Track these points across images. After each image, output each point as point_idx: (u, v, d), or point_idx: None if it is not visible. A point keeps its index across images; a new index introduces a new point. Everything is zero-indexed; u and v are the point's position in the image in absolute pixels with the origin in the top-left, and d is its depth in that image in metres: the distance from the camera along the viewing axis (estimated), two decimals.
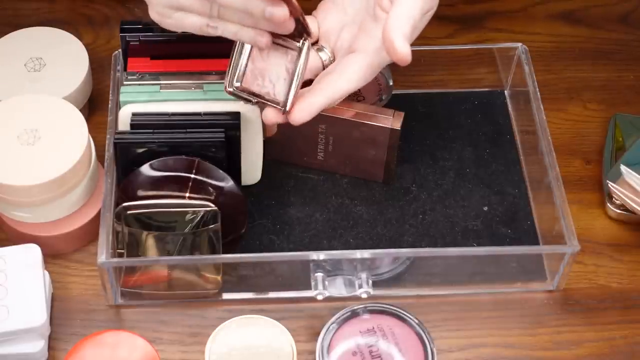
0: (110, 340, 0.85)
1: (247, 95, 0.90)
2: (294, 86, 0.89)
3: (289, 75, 0.89)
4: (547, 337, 0.94)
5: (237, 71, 0.90)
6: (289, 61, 0.89)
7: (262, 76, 0.90)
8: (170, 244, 0.91)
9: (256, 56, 0.90)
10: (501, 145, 1.04)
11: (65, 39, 1.04)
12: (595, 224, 1.01)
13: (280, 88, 0.89)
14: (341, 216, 0.99)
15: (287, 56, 0.89)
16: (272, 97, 0.90)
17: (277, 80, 0.89)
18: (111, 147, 0.94)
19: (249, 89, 0.90)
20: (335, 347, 0.89)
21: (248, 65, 0.90)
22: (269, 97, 0.90)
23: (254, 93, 0.90)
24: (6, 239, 0.98)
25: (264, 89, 0.90)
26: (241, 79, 0.90)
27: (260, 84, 0.90)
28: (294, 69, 0.89)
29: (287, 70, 0.89)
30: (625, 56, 1.13)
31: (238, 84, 0.90)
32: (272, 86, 0.90)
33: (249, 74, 0.90)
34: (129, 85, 0.95)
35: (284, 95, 0.89)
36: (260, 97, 0.90)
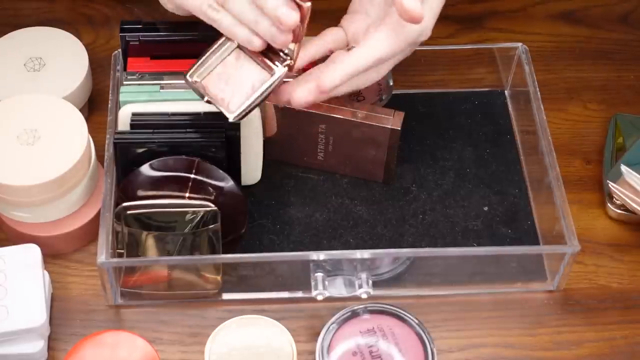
0: (110, 340, 0.85)
1: (202, 91, 0.90)
2: (251, 101, 0.89)
3: (251, 92, 0.89)
4: (548, 337, 0.93)
5: (205, 67, 0.90)
6: (257, 80, 0.89)
7: (227, 82, 0.90)
8: (170, 244, 0.91)
9: (230, 61, 0.90)
10: (501, 145, 1.04)
11: (65, 38, 1.03)
12: (595, 224, 1.01)
13: (237, 100, 0.89)
14: (341, 216, 0.99)
15: (259, 75, 0.89)
16: (226, 105, 0.89)
17: (239, 90, 0.89)
18: (111, 147, 0.94)
19: (206, 87, 0.90)
20: (335, 347, 0.89)
21: (217, 67, 0.90)
22: (222, 103, 0.90)
23: (210, 94, 0.90)
24: (6, 239, 0.98)
25: (221, 93, 0.90)
26: (204, 76, 0.90)
27: (221, 88, 0.90)
28: (259, 88, 0.89)
29: (252, 87, 0.89)
30: (626, 56, 1.13)
31: (198, 80, 0.90)
32: (230, 94, 0.89)
33: (215, 76, 0.90)
34: (128, 85, 0.95)
35: (237, 106, 0.89)
36: (215, 99, 0.90)
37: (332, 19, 0.94)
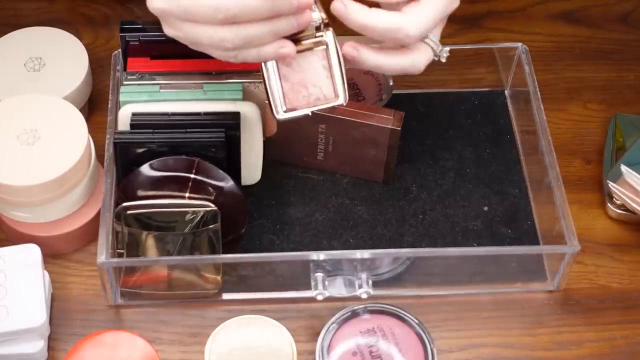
0: (110, 340, 0.85)
1: (300, 111, 0.88)
2: (337, 75, 0.87)
3: (329, 71, 0.87)
4: (548, 337, 0.93)
5: (278, 96, 0.87)
6: (322, 59, 0.87)
7: (304, 86, 0.87)
8: (170, 244, 0.91)
9: (287, 72, 0.87)
10: (501, 145, 1.04)
11: (65, 38, 1.03)
12: (595, 224, 1.01)
13: (326, 86, 0.87)
14: (341, 216, 0.99)
15: (318, 55, 0.87)
16: (324, 99, 0.88)
17: (319, 81, 0.87)
18: (111, 147, 0.94)
19: (296, 105, 0.88)
20: (335, 347, 0.89)
21: (284, 85, 0.87)
22: (320, 101, 0.88)
23: (303, 106, 0.88)
24: (6, 239, 0.98)
25: (312, 96, 0.88)
26: (284, 101, 0.87)
27: (306, 94, 0.87)
28: (330, 62, 0.87)
29: (325, 68, 0.87)
30: (626, 56, 1.13)
31: (284, 109, 0.87)
32: (318, 90, 0.87)
33: (290, 93, 0.87)
34: (128, 85, 0.95)
35: (333, 92, 0.87)
36: (314, 105, 0.88)
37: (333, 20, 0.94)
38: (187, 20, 0.84)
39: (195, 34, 0.84)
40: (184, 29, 0.85)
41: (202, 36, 0.84)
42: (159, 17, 0.86)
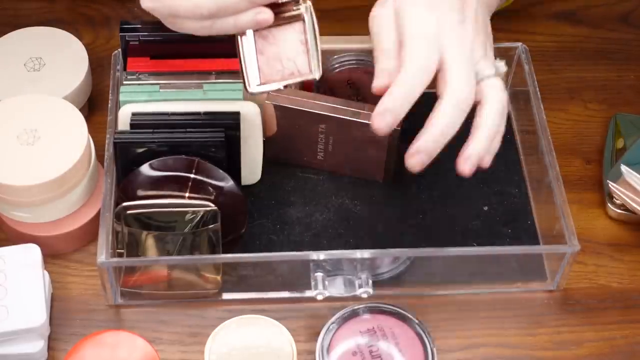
0: (110, 340, 0.85)
1: (271, 85, 0.88)
2: (312, 50, 0.87)
3: (305, 45, 0.87)
4: (547, 337, 0.93)
5: (252, 70, 0.87)
6: (298, 32, 0.87)
7: (279, 60, 0.87)
8: (170, 243, 0.91)
9: (263, 46, 0.87)
10: (501, 145, 1.04)
11: (65, 38, 1.04)
12: (595, 223, 1.01)
13: (301, 61, 0.87)
14: (341, 216, 0.99)
15: (294, 28, 0.87)
16: (298, 73, 0.87)
17: (295, 55, 0.87)
18: (111, 147, 0.94)
19: (270, 79, 0.88)
20: (335, 347, 0.89)
21: (259, 59, 0.87)
22: (294, 76, 0.88)
23: (277, 80, 0.88)
24: (6, 239, 0.98)
25: (286, 70, 0.88)
26: (259, 75, 0.88)
27: (280, 68, 0.87)
28: (306, 36, 0.87)
29: (300, 42, 0.87)
30: (626, 56, 1.13)
31: (258, 82, 0.88)
32: (292, 63, 0.87)
33: (264, 66, 0.87)
34: (128, 85, 0.95)
35: (308, 66, 0.87)
36: (287, 79, 0.88)
37: (334, 20, 0.94)
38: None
39: (173, 3, 0.85)
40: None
41: (179, 5, 0.84)
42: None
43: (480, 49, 0.89)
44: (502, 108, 0.88)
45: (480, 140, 0.87)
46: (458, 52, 0.86)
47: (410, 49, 0.84)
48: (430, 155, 0.86)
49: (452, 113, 0.85)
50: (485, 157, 0.88)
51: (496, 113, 0.87)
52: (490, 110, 0.87)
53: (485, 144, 0.87)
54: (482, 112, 0.87)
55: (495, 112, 0.87)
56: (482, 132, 0.87)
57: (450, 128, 0.85)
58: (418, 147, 0.85)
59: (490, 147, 0.88)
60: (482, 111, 0.87)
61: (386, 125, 0.85)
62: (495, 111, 0.87)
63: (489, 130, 0.87)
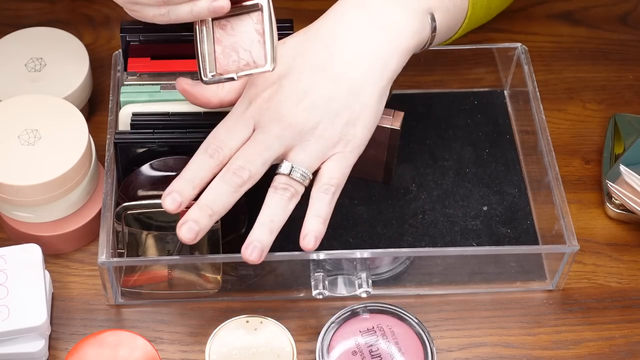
0: (110, 339, 0.85)
1: (226, 75, 0.87)
2: (268, 41, 0.85)
3: (262, 36, 0.86)
4: (547, 337, 0.94)
5: (207, 58, 0.87)
6: (255, 22, 0.86)
7: (235, 50, 0.87)
8: (170, 243, 0.91)
9: (221, 35, 0.86)
10: (501, 145, 1.04)
11: (65, 39, 1.04)
12: (594, 223, 1.01)
13: (257, 52, 0.86)
14: (341, 216, 0.99)
15: (252, 19, 0.86)
16: (253, 64, 0.86)
17: (251, 46, 0.86)
18: (111, 147, 0.94)
19: (226, 70, 0.87)
20: (335, 346, 0.89)
21: (216, 49, 0.87)
22: (249, 67, 0.86)
23: (232, 70, 0.87)
24: (7, 238, 0.98)
25: (242, 61, 0.87)
26: (214, 64, 0.87)
27: (236, 59, 0.87)
28: (264, 28, 0.86)
29: (257, 32, 0.86)
30: (625, 56, 1.13)
31: (213, 72, 0.87)
32: (248, 54, 0.86)
33: (221, 56, 0.87)
34: (129, 85, 0.95)
35: (264, 57, 0.86)
36: (242, 70, 0.86)
37: None
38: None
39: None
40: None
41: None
42: None
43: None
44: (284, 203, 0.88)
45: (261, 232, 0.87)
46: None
47: None
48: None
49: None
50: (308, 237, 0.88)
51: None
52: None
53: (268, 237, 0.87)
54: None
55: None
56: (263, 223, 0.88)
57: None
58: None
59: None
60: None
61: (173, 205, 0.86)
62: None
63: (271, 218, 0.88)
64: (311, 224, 0.86)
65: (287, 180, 0.87)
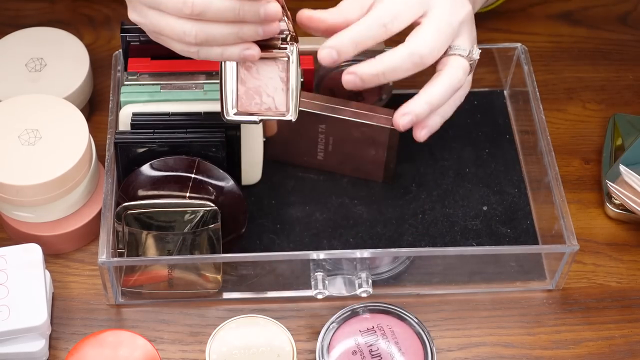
0: (111, 339, 0.85)
1: (248, 117, 0.89)
2: (292, 90, 0.88)
3: (285, 84, 0.88)
4: (546, 337, 0.94)
5: (231, 97, 0.88)
6: (281, 70, 0.88)
7: (259, 94, 0.88)
8: (170, 243, 0.91)
9: (246, 77, 0.88)
10: (501, 145, 1.05)
11: (66, 39, 1.04)
12: (594, 223, 1.01)
13: (280, 99, 0.88)
14: (341, 216, 0.99)
15: (278, 66, 0.88)
16: (275, 110, 0.89)
17: (274, 92, 0.88)
18: (112, 147, 0.94)
19: (247, 110, 0.89)
20: (335, 346, 0.89)
21: (239, 89, 0.88)
22: (270, 112, 0.89)
23: (254, 113, 0.89)
24: (7, 238, 0.98)
25: (263, 105, 0.89)
26: (236, 104, 0.88)
27: (258, 102, 0.89)
28: (289, 76, 0.88)
29: (282, 80, 0.88)
30: (625, 56, 1.13)
31: (234, 111, 0.89)
32: (271, 100, 0.88)
33: (244, 97, 0.88)
34: (129, 86, 0.95)
35: (286, 105, 0.89)
36: (263, 114, 0.89)
37: None
38: (153, 7, 0.85)
39: (159, 23, 0.85)
40: (148, 16, 0.85)
41: (166, 26, 0.85)
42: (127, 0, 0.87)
43: (467, 27, 0.90)
44: (454, 87, 0.89)
45: (419, 102, 0.89)
46: (441, 12, 0.88)
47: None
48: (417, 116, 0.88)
49: (405, 59, 0.87)
50: (422, 128, 0.90)
51: (446, 86, 0.89)
52: (442, 82, 0.89)
53: (424, 108, 0.88)
54: (434, 80, 0.89)
55: (446, 85, 0.89)
56: (423, 96, 0.88)
57: (399, 72, 0.88)
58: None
59: (429, 116, 0.90)
60: (434, 79, 0.89)
61: (330, 58, 0.87)
62: (446, 84, 0.89)
63: (432, 97, 0.89)
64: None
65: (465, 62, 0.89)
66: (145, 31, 0.89)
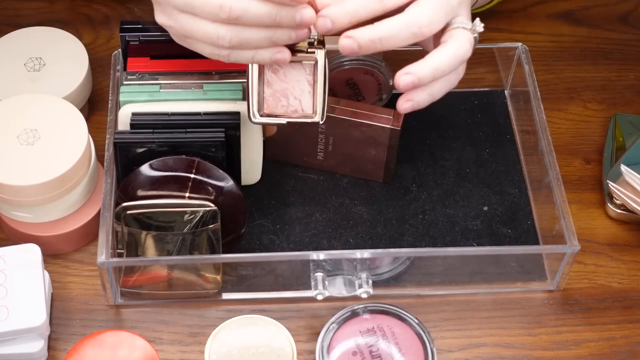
0: (110, 340, 0.85)
1: (275, 119, 0.89)
2: (320, 92, 0.88)
3: (312, 87, 0.88)
4: (547, 337, 0.94)
5: (257, 100, 0.89)
6: (308, 74, 0.88)
7: (285, 96, 0.89)
8: (169, 243, 0.91)
9: (272, 79, 0.88)
10: (501, 145, 1.04)
11: (65, 38, 1.04)
12: (595, 223, 1.01)
13: (307, 101, 0.89)
14: (341, 216, 0.99)
15: (305, 69, 0.88)
16: (302, 112, 0.89)
17: (301, 95, 0.89)
18: (111, 147, 0.94)
19: (273, 113, 0.89)
20: (335, 347, 0.89)
21: (266, 91, 0.88)
22: (297, 114, 0.89)
23: (280, 115, 0.89)
24: (6, 238, 0.98)
25: (290, 107, 0.89)
26: (262, 106, 0.89)
27: (285, 104, 0.89)
28: (316, 79, 0.88)
29: (309, 83, 0.88)
30: (626, 56, 1.13)
31: (261, 113, 0.89)
32: (298, 102, 0.89)
33: (270, 99, 0.89)
34: (128, 85, 0.95)
35: (313, 108, 0.89)
36: (290, 116, 0.89)
37: None
38: (186, 11, 0.84)
39: (191, 27, 0.84)
40: (179, 19, 0.85)
41: (198, 30, 0.84)
42: (155, 2, 0.86)
43: (465, 8, 0.90)
44: (460, 57, 0.87)
45: (423, 65, 0.86)
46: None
47: None
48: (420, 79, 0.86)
49: (403, 28, 0.85)
50: (421, 94, 0.88)
51: (451, 56, 0.87)
52: (449, 50, 0.87)
53: (427, 72, 0.86)
54: (440, 49, 0.87)
55: (451, 55, 0.87)
56: (429, 60, 0.86)
57: (396, 40, 0.85)
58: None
59: (431, 83, 0.88)
60: (439, 49, 0.87)
61: (325, 27, 0.84)
62: (451, 54, 0.87)
63: (437, 63, 0.86)
64: None
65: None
66: (172, 34, 0.88)
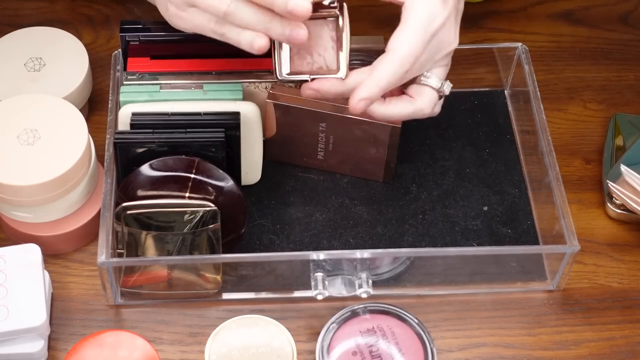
0: (110, 340, 0.85)
1: (300, 76, 0.90)
2: (344, 49, 0.89)
3: (336, 43, 0.89)
4: (547, 337, 0.94)
5: (283, 58, 0.90)
6: (331, 29, 0.89)
7: (310, 53, 0.90)
8: (169, 243, 0.91)
9: None
10: (501, 145, 1.04)
11: (65, 38, 1.04)
12: (595, 223, 1.01)
13: (330, 57, 0.90)
14: (341, 216, 0.99)
15: (328, 25, 0.89)
16: (326, 69, 0.90)
17: (325, 51, 0.90)
18: (111, 147, 0.94)
19: (299, 70, 0.90)
20: (335, 347, 0.89)
21: (292, 49, 0.90)
22: (322, 70, 0.90)
23: (306, 72, 0.90)
24: (6, 238, 0.98)
25: (315, 64, 0.90)
26: (289, 64, 0.90)
27: (310, 61, 0.90)
28: (339, 35, 0.89)
29: (332, 39, 0.89)
30: (626, 56, 1.13)
31: (287, 71, 0.90)
32: (322, 59, 0.90)
33: (296, 57, 0.90)
34: (128, 85, 0.95)
35: (337, 64, 0.90)
36: (315, 73, 0.90)
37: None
38: None
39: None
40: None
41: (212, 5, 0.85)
42: None
43: (445, 57, 0.92)
44: (419, 115, 0.92)
45: (382, 110, 0.90)
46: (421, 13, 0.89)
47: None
48: (372, 100, 0.89)
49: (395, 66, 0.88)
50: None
51: (410, 112, 0.92)
52: (409, 107, 0.91)
53: (382, 114, 0.90)
54: (402, 100, 0.91)
55: (410, 111, 0.91)
56: (385, 108, 0.91)
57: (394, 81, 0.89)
58: (360, 95, 0.88)
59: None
60: (402, 100, 0.91)
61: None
62: (411, 110, 0.91)
63: (395, 113, 0.91)
64: None
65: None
66: (176, 7, 0.88)
